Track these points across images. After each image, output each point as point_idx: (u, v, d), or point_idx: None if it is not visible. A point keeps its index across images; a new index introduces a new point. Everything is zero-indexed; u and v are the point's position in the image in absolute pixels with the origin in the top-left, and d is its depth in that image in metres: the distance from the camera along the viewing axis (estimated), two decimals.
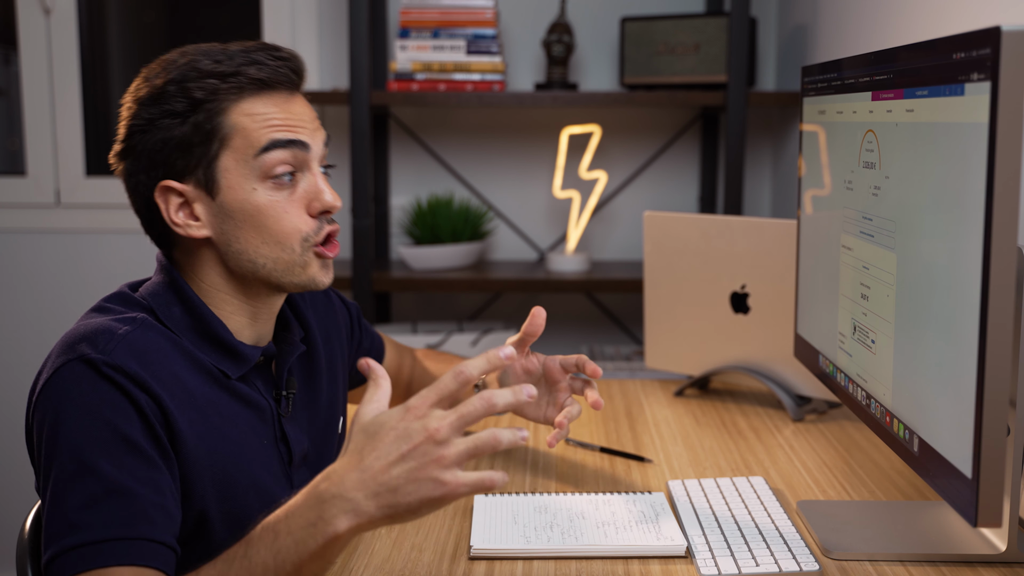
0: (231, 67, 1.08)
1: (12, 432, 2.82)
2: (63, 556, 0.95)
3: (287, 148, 1.09)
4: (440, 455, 0.88)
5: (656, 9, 2.69)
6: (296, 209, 1.11)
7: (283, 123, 1.10)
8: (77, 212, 2.76)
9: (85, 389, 1.00)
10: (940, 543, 1.15)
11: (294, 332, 1.24)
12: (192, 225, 1.11)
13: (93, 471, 0.97)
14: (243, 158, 1.08)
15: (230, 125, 1.08)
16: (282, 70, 1.11)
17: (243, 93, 1.09)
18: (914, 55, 1.06)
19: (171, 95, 1.08)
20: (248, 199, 1.09)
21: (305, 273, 1.13)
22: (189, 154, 1.08)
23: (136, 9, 3.01)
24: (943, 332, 1.01)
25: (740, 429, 1.62)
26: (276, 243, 1.10)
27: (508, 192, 2.77)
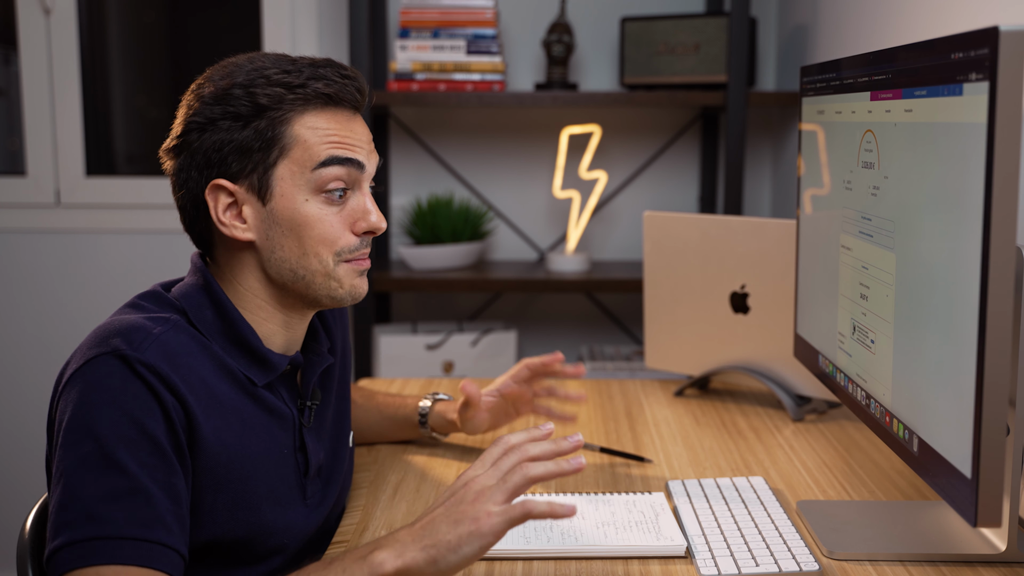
0: (299, 79, 1.09)
1: (12, 432, 2.82)
2: (78, 545, 0.94)
3: (344, 166, 1.11)
4: (477, 496, 0.95)
5: (656, 9, 2.69)
6: (340, 224, 1.12)
7: (343, 141, 1.11)
8: (77, 212, 2.76)
9: (115, 384, 1.00)
10: (940, 543, 1.15)
11: (322, 343, 1.24)
12: (238, 227, 1.11)
13: (117, 466, 0.97)
14: (300, 169, 1.09)
15: (292, 135, 1.09)
16: (348, 88, 1.12)
17: (308, 106, 1.10)
18: (913, 55, 1.06)
19: (236, 97, 1.08)
20: (299, 209, 1.10)
21: (343, 286, 1.14)
22: (247, 158, 1.09)
23: (136, 9, 3.01)
24: (942, 332, 1.01)
25: (740, 429, 1.62)
26: (315, 255, 1.11)
27: (508, 192, 2.77)
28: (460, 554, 0.93)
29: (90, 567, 0.94)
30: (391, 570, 0.93)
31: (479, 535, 0.93)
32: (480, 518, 0.93)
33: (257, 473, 1.10)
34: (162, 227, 2.76)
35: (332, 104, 1.12)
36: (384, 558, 0.93)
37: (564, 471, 0.98)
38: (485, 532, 0.93)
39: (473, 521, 0.93)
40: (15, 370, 2.81)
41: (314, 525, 1.19)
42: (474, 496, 0.95)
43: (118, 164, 2.98)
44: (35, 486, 2.76)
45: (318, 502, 1.20)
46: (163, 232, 2.76)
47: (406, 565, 0.93)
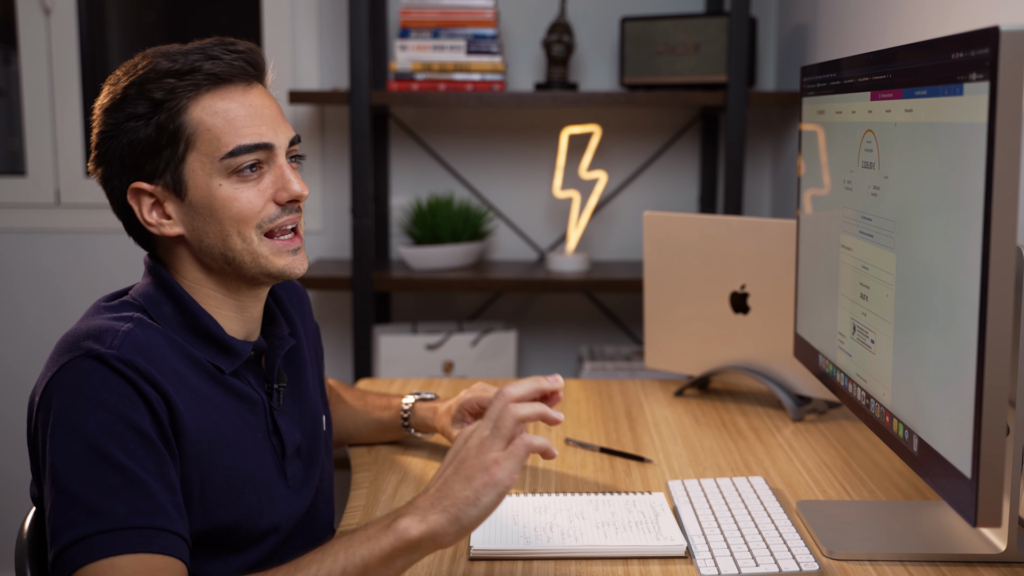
0: (187, 64, 1.09)
1: (12, 432, 2.82)
2: (84, 541, 0.95)
3: (252, 152, 1.11)
4: (478, 450, 0.97)
5: (656, 9, 2.69)
6: (259, 198, 1.12)
7: (247, 123, 1.11)
8: (77, 212, 2.76)
9: (95, 383, 1.00)
10: (940, 543, 1.15)
11: (281, 327, 1.25)
12: (165, 224, 1.13)
13: (110, 462, 0.98)
14: (209, 159, 1.10)
15: (193, 124, 1.10)
16: (237, 63, 1.12)
17: (200, 89, 1.10)
18: (913, 55, 1.06)
19: (132, 98, 1.09)
20: (213, 194, 1.11)
21: (273, 264, 1.14)
22: (157, 156, 1.10)
23: (136, 9, 3.01)
24: (942, 332, 1.00)
25: (740, 429, 1.62)
26: (236, 233, 1.11)
27: (508, 192, 2.77)
28: (480, 506, 0.95)
29: (103, 559, 0.95)
30: (416, 535, 0.95)
31: (493, 484, 0.95)
32: (489, 467, 0.96)
33: (237, 458, 1.11)
34: None
35: (224, 82, 1.11)
36: (408, 524, 0.95)
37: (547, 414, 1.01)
38: (499, 479, 0.95)
39: (484, 472, 0.96)
40: (15, 370, 2.81)
41: (301, 505, 1.21)
42: (476, 450, 0.97)
43: None
44: None
45: (301, 482, 1.22)
46: None
47: (430, 528, 0.95)
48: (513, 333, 2.60)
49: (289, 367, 1.26)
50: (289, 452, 1.20)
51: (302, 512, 1.22)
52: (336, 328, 2.79)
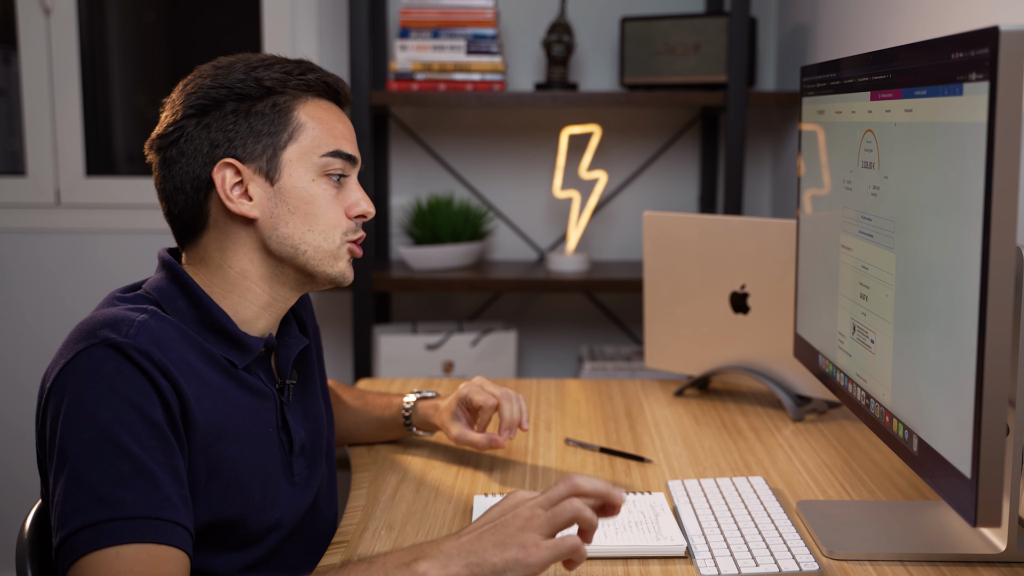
0: (295, 68, 1.18)
1: (12, 432, 2.82)
2: (91, 528, 0.95)
3: (346, 160, 1.19)
4: (526, 522, 0.95)
5: (656, 9, 2.69)
6: (340, 208, 1.19)
7: (345, 135, 1.20)
8: (77, 212, 2.76)
9: (110, 372, 1.01)
10: (940, 543, 1.15)
11: (292, 327, 1.27)
12: (245, 204, 1.16)
13: (121, 450, 0.98)
14: (309, 153, 1.17)
15: (301, 120, 1.17)
16: (337, 84, 1.22)
17: (309, 92, 1.19)
18: (913, 55, 1.06)
19: (241, 81, 1.15)
20: (307, 188, 1.17)
21: (337, 266, 1.20)
22: (258, 140, 1.15)
23: (136, 9, 3.01)
24: (942, 332, 1.01)
25: (740, 429, 1.62)
26: (321, 231, 1.18)
27: (508, 192, 2.77)
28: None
29: (107, 548, 0.95)
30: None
31: (524, 565, 0.93)
32: (528, 547, 0.94)
33: (245, 452, 1.12)
34: (162, 227, 2.76)
35: (328, 95, 1.21)
36: (427, 568, 0.93)
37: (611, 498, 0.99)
38: (531, 563, 0.93)
39: (521, 548, 0.93)
40: (15, 370, 2.81)
41: (304, 503, 1.22)
42: (522, 522, 0.95)
43: (118, 164, 2.98)
44: (35, 486, 2.76)
45: (305, 480, 1.23)
46: (163, 232, 2.76)
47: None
48: (513, 333, 2.60)
49: (300, 366, 1.28)
50: (296, 449, 1.21)
51: (304, 510, 1.23)
52: (336, 328, 2.79)
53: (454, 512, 1.28)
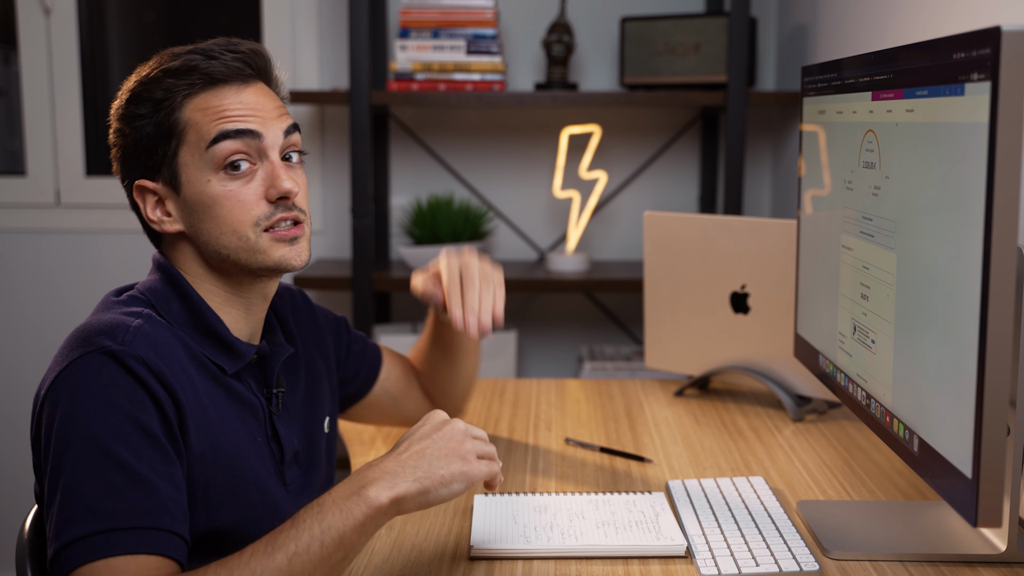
0: (185, 64, 1.12)
1: (12, 432, 2.82)
2: (83, 541, 0.95)
3: (237, 138, 1.11)
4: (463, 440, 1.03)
5: (656, 9, 2.69)
6: (253, 197, 1.12)
7: (233, 114, 1.12)
8: (77, 212, 2.76)
9: (105, 381, 1.00)
10: (940, 543, 1.15)
11: (277, 334, 1.26)
12: (166, 221, 1.15)
13: (115, 461, 0.98)
14: (197, 152, 1.11)
15: (184, 121, 1.12)
16: (233, 64, 1.13)
17: (195, 89, 1.12)
18: (914, 55, 1.06)
19: (136, 99, 1.13)
20: (204, 191, 1.12)
21: (271, 256, 1.13)
22: (154, 153, 1.12)
23: (136, 9, 3.01)
24: (943, 332, 1.00)
25: (740, 429, 1.62)
26: (231, 232, 1.12)
27: (508, 192, 2.77)
28: (449, 490, 1.00)
29: (98, 560, 0.94)
30: (386, 501, 0.97)
31: (468, 477, 1.01)
32: (470, 460, 1.02)
33: (239, 460, 1.11)
34: None
35: (220, 83, 1.13)
36: (377, 492, 0.97)
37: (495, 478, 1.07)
38: (473, 476, 1.01)
39: (464, 461, 1.01)
40: (15, 370, 2.81)
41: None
42: (460, 437, 1.03)
43: None
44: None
45: (299, 488, 1.22)
46: None
47: (399, 495, 0.98)
48: (513, 333, 2.60)
49: (287, 373, 1.26)
50: (288, 458, 1.20)
51: None
52: None
53: (454, 512, 1.28)
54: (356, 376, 1.43)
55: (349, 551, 0.97)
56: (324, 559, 0.95)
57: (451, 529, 1.23)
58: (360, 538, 0.97)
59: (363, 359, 1.44)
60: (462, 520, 1.25)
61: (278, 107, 1.16)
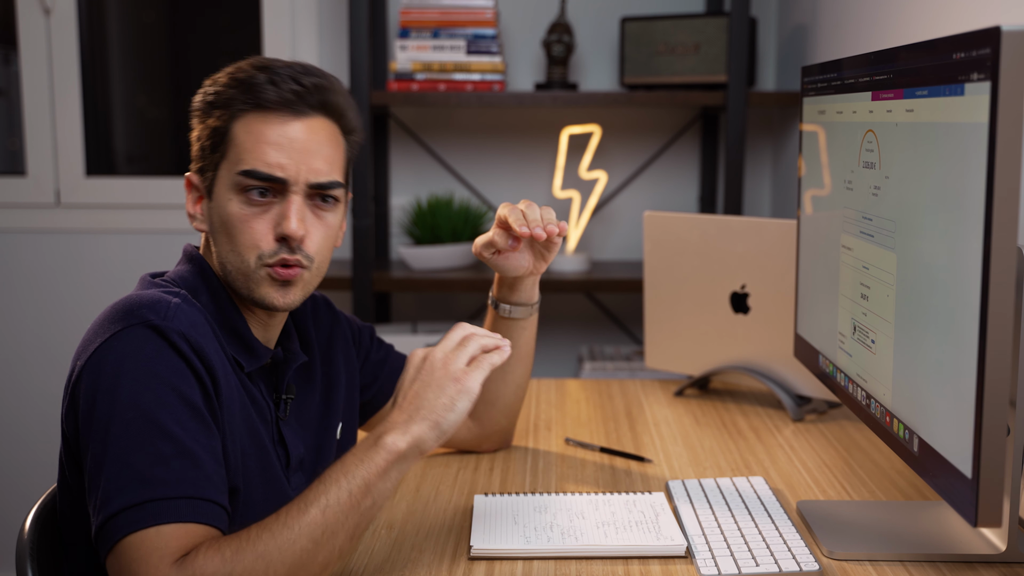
0: (249, 81, 1.12)
1: (12, 432, 2.82)
2: (135, 508, 0.96)
3: (261, 180, 1.12)
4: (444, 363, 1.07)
5: (656, 9, 2.69)
6: (263, 228, 1.13)
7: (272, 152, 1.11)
8: (77, 212, 2.76)
9: (150, 354, 1.02)
10: (940, 543, 1.15)
11: (293, 342, 1.26)
12: (197, 218, 1.18)
13: (162, 431, 1.00)
14: (231, 170, 1.13)
15: (232, 136, 1.13)
16: (288, 94, 1.12)
17: (247, 108, 1.13)
18: (914, 55, 1.06)
19: (207, 97, 1.15)
20: (225, 207, 1.14)
21: (259, 289, 1.14)
22: (204, 155, 1.16)
23: (136, 9, 3.01)
24: (943, 332, 1.00)
25: (740, 429, 1.62)
26: (237, 252, 1.14)
27: (508, 192, 2.77)
28: (457, 411, 1.05)
29: (150, 527, 0.96)
30: (404, 447, 1.03)
31: (466, 391, 1.05)
32: (459, 377, 1.06)
33: (253, 450, 1.14)
34: (162, 227, 2.76)
35: (274, 109, 1.12)
36: (394, 439, 1.03)
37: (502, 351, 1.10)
38: (470, 386, 1.05)
39: (455, 381, 1.05)
40: (15, 370, 2.81)
41: None
42: (441, 364, 1.07)
43: (118, 164, 2.98)
44: (35, 486, 2.76)
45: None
46: (163, 232, 2.76)
47: (415, 438, 1.03)
48: None
49: (301, 381, 1.27)
50: (293, 463, 1.21)
51: None
52: None
53: (454, 512, 1.28)
54: (373, 384, 1.41)
55: (377, 497, 1.02)
56: (353, 506, 1.01)
57: (451, 529, 1.23)
58: (384, 483, 1.02)
59: (382, 368, 1.42)
60: (462, 520, 1.25)
61: (323, 152, 1.14)
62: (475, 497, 1.30)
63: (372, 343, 1.42)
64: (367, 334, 1.42)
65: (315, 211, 1.15)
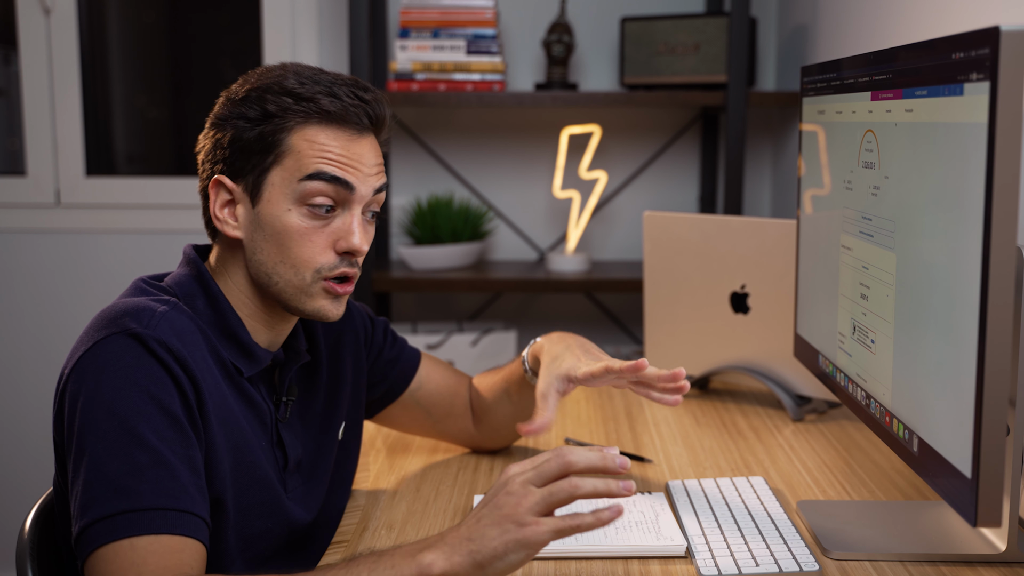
0: (309, 92, 1.12)
1: (12, 432, 2.82)
2: (107, 520, 0.96)
3: (332, 183, 1.12)
4: (519, 500, 0.92)
5: (656, 9, 2.69)
6: (323, 241, 1.13)
7: (337, 159, 1.12)
8: (77, 212, 2.76)
9: (129, 362, 1.02)
10: (940, 543, 1.15)
11: (299, 342, 1.25)
12: (230, 223, 1.15)
13: (139, 441, 0.99)
14: (289, 178, 1.12)
15: (289, 144, 1.12)
16: (354, 109, 1.13)
17: (310, 119, 1.12)
18: (913, 55, 1.06)
19: (250, 101, 1.12)
20: (281, 217, 1.12)
21: (312, 303, 1.14)
22: (247, 159, 1.12)
23: (136, 9, 3.01)
24: (943, 332, 1.00)
25: (740, 429, 1.62)
26: (291, 265, 1.12)
27: (508, 192, 2.77)
28: (506, 561, 0.92)
29: (123, 539, 0.96)
30: (439, 572, 0.92)
31: (525, 544, 0.91)
32: (526, 524, 0.91)
33: (247, 457, 1.13)
34: (162, 227, 2.76)
35: (336, 122, 1.13)
36: (433, 559, 0.92)
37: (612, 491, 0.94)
38: (532, 542, 0.91)
39: (519, 528, 0.91)
40: (15, 370, 2.81)
41: (300, 517, 1.21)
42: (516, 500, 0.93)
43: (118, 164, 2.98)
44: (35, 486, 2.76)
45: (300, 496, 1.22)
46: (163, 232, 2.76)
47: (453, 569, 0.92)
48: (513, 333, 2.60)
49: (304, 380, 1.26)
50: (291, 466, 1.21)
51: (302, 523, 1.21)
52: None
53: (454, 512, 1.28)
54: (382, 382, 1.40)
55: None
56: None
57: None
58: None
59: (393, 366, 1.40)
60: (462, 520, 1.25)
61: (379, 164, 1.17)
62: (475, 497, 1.30)
63: (386, 340, 1.40)
64: (380, 329, 1.40)
65: (365, 224, 1.16)
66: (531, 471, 0.95)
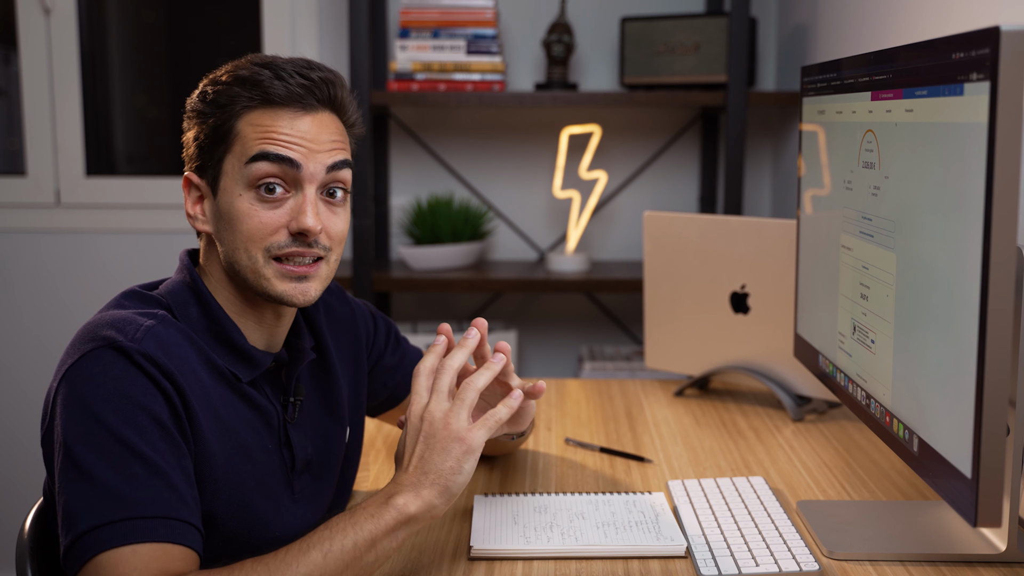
0: (256, 78, 1.11)
1: (12, 432, 2.82)
2: (107, 527, 0.96)
3: (275, 163, 1.10)
4: (446, 422, 1.04)
5: (656, 9, 2.69)
6: (273, 222, 1.11)
7: (280, 138, 1.10)
8: (77, 212, 2.76)
9: (117, 374, 1.01)
10: (940, 543, 1.15)
11: (304, 340, 1.24)
12: (199, 219, 1.16)
13: (133, 452, 0.99)
14: (238, 163, 1.11)
15: (236, 131, 1.11)
16: (296, 89, 1.11)
17: (253, 103, 1.11)
18: (913, 55, 1.06)
19: (205, 96, 1.14)
20: (233, 203, 1.11)
21: (273, 286, 1.12)
22: (208, 153, 1.13)
23: (136, 9, 3.01)
24: (943, 332, 1.00)
25: (740, 429, 1.62)
26: (244, 249, 1.11)
27: (508, 192, 2.77)
28: (464, 473, 1.03)
29: (123, 546, 0.95)
30: (415, 511, 1.01)
31: (471, 451, 1.03)
32: (464, 437, 1.03)
33: (245, 466, 1.12)
34: (162, 227, 2.76)
35: (281, 104, 1.11)
36: (405, 501, 1.01)
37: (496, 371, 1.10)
38: (476, 446, 1.03)
39: (459, 442, 1.03)
40: (15, 370, 2.81)
41: (307, 519, 1.20)
42: (442, 424, 1.04)
43: (118, 164, 2.98)
44: (35, 486, 2.76)
45: (308, 496, 1.21)
46: (163, 232, 2.76)
47: (426, 503, 1.02)
48: (513, 333, 2.60)
49: (310, 379, 1.25)
50: (299, 466, 1.19)
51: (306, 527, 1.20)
52: None
53: (454, 512, 1.28)
54: (382, 388, 1.40)
55: (380, 554, 1.01)
56: (356, 558, 0.99)
57: (451, 529, 1.23)
58: (390, 542, 1.01)
59: (393, 375, 1.40)
60: (462, 520, 1.25)
61: (334, 140, 1.14)
62: (475, 497, 1.30)
63: (387, 345, 1.40)
64: (383, 333, 1.39)
65: (327, 205, 1.14)
66: (434, 399, 1.06)
